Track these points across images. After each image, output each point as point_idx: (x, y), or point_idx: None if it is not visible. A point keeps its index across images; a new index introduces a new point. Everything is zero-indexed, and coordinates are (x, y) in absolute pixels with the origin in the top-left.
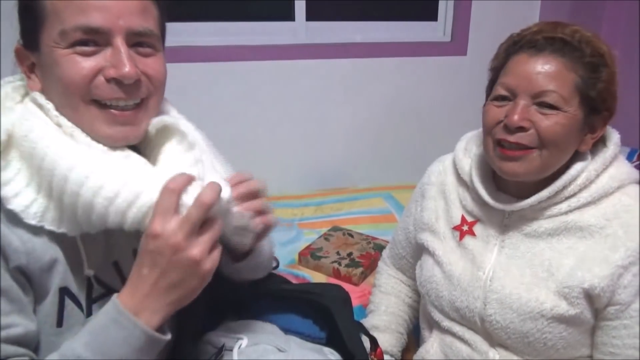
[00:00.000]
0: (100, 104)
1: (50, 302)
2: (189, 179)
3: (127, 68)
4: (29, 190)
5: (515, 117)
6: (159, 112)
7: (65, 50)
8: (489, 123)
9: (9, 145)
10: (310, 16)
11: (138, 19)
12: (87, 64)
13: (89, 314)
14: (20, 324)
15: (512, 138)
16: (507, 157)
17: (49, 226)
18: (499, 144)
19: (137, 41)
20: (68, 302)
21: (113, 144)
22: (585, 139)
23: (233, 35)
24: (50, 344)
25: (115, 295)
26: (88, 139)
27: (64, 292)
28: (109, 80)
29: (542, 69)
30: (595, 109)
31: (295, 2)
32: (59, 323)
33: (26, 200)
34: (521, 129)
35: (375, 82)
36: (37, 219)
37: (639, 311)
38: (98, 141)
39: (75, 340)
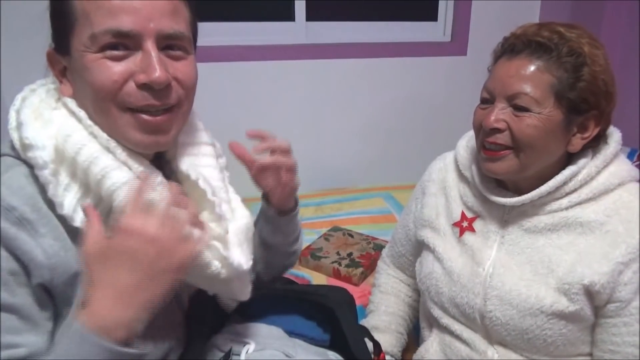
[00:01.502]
0: (132, 110)
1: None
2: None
3: (157, 73)
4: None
5: (490, 118)
6: (188, 122)
7: (95, 55)
8: (474, 125)
9: (57, 161)
10: (310, 16)
11: (169, 21)
12: (118, 69)
13: None
14: (27, 344)
15: (490, 139)
16: (488, 157)
17: None
18: (482, 145)
19: (168, 44)
20: None
21: (144, 150)
22: (572, 139)
23: (233, 35)
24: None
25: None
26: (124, 154)
27: None
28: (139, 86)
29: (516, 71)
30: (577, 109)
31: (295, 2)
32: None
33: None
34: (496, 130)
35: (375, 83)
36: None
37: (639, 309)
38: (131, 153)
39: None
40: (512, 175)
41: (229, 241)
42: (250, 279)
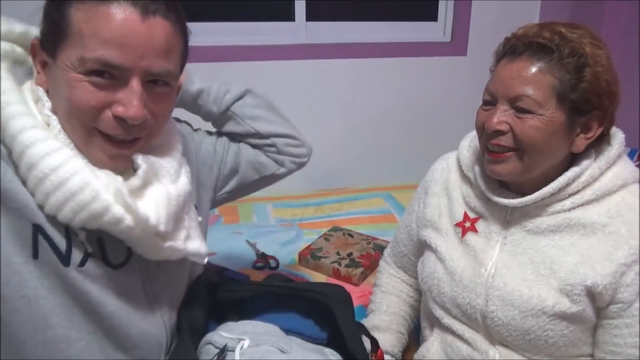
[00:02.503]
0: (101, 133)
1: (23, 233)
2: None
3: (134, 111)
4: None
5: (493, 120)
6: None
7: (80, 76)
8: (477, 126)
9: None
10: (310, 16)
11: (161, 61)
12: (98, 96)
13: (82, 264)
14: None
15: (493, 141)
16: (492, 159)
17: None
18: (486, 147)
19: (153, 79)
20: (41, 240)
21: (100, 167)
22: (576, 140)
23: (233, 35)
24: (25, 275)
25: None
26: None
27: (37, 229)
28: (115, 116)
29: (518, 73)
30: (579, 110)
31: (295, 2)
32: (35, 255)
33: None
34: (499, 132)
35: (375, 83)
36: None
37: None
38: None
39: None
40: (516, 177)
41: (149, 200)
42: (161, 242)
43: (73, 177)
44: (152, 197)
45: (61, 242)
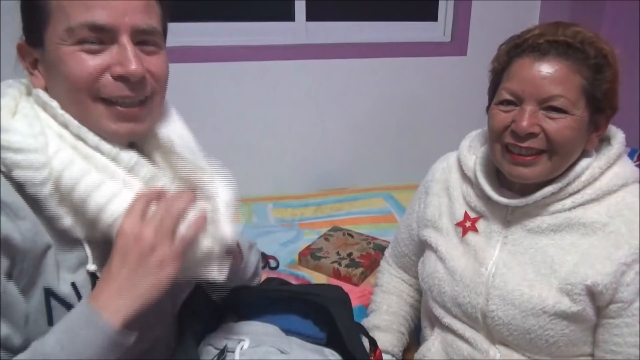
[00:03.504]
0: (107, 101)
1: (38, 301)
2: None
3: (133, 66)
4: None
5: (524, 123)
6: (162, 112)
7: (72, 48)
8: (496, 128)
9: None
10: (310, 16)
11: (143, 17)
12: (94, 62)
13: None
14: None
15: (523, 144)
16: (518, 162)
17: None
18: (507, 149)
19: (141, 39)
20: (55, 304)
21: (119, 140)
22: (591, 138)
23: (233, 35)
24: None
25: (87, 295)
26: (96, 139)
27: (49, 293)
28: (115, 77)
29: (548, 73)
30: (600, 108)
31: (295, 2)
32: (50, 322)
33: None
34: (531, 134)
35: (375, 82)
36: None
37: None
38: (104, 138)
39: (45, 339)
40: (543, 178)
41: (219, 217)
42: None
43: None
44: (224, 210)
45: (73, 299)
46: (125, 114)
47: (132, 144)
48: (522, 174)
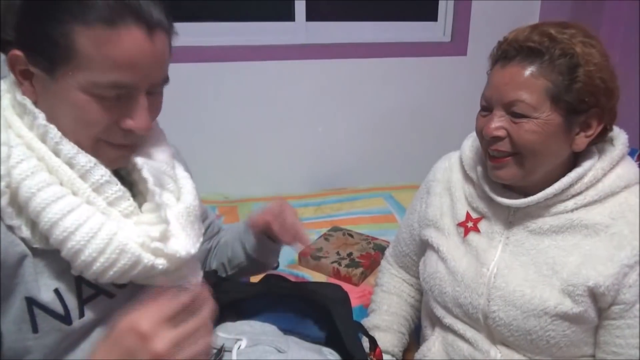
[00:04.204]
0: (104, 141)
1: (20, 310)
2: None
3: (145, 123)
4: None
5: (489, 127)
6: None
7: (89, 98)
8: (477, 132)
9: None
10: (310, 16)
11: (162, 72)
12: (109, 115)
13: (81, 314)
14: None
15: (492, 146)
16: (493, 165)
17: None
18: (487, 153)
19: (153, 90)
20: (38, 312)
21: (109, 167)
22: (576, 139)
23: (233, 35)
24: (28, 348)
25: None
26: (74, 150)
27: (30, 301)
28: (124, 129)
29: (510, 79)
30: (575, 109)
31: (295, 2)
32: (34, 330)
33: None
34: (496, 138)
35: (375, 83)
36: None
37: None
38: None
39: None
40: (518, 180)
41: (171, 231)
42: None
43: (99, 233)
44: (176, 222)
45: (57, 306)
46: (120, 149)
47: None
48: (498, 175)
